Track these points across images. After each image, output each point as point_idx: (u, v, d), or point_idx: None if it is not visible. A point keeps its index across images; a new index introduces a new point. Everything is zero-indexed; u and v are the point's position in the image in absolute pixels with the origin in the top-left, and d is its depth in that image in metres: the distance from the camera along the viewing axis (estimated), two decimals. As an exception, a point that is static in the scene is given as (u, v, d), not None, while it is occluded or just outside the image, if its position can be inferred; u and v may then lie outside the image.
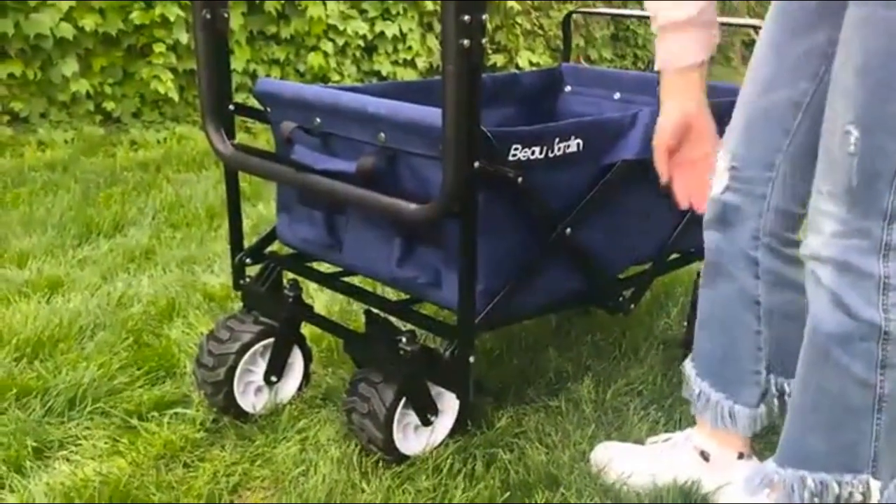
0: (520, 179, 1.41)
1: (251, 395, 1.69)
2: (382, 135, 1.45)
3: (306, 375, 1.77)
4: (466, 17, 1.20)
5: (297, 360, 1.75)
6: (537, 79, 2.21)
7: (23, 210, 2.95)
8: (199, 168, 3.69)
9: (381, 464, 1.52)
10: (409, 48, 5.21)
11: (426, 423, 1.55)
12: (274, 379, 1.70)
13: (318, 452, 1.55)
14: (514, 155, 1.41)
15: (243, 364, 1.66)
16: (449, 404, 1.58)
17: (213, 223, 2.91)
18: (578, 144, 1.51)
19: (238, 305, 2.19)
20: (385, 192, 1.40)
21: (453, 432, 1.59)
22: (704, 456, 1.49)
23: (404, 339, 1.48)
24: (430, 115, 1.35)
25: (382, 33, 5.08)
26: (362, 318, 1.61)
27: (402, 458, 1.53)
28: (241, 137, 3.96)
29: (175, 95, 4.30)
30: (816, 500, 1.26)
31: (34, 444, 1.57)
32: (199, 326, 2.05)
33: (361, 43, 5.03)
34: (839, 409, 1.24)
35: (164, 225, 2.88)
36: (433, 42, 5.42)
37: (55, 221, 2.81)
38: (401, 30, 5.14)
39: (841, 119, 1.15)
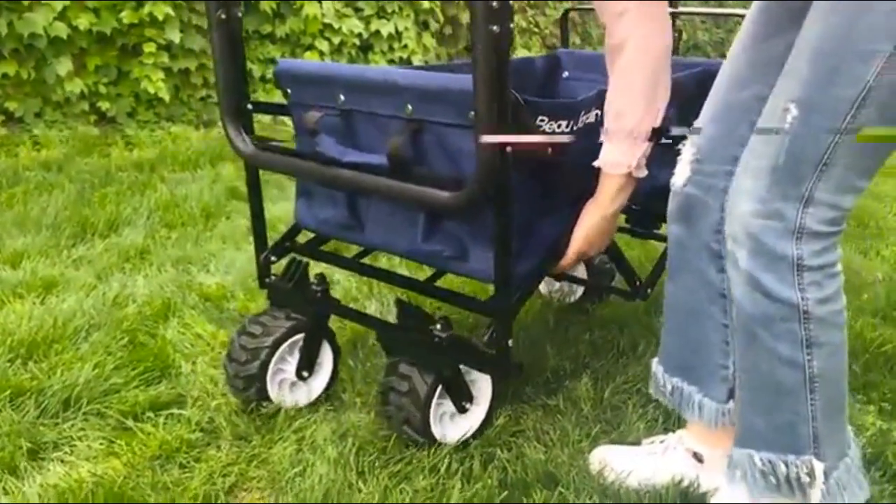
0: (549, 150, 1.40)
1: (286, 391, 1.70)
2: (410, 107, 1.42)
3: (336, 369, 1.77)
4: (495, 3, 1.20)
5: (326, 355, 1.76)
6: (543, 64, 2.21)
7: (17, 210, 2.93)
8: (193, 167, 3.68)
9: (377, 463, 1.51)
10: (405, 46, 5.20)
11: (462, 410, 1.56)
12: (306, 374, 1.71)
13: (314, 452, 1.54)
14: (540, 126, 1.40)
15: (276, 358, 1.67)
16: (482, 392, 1.59)
17: (209, 223, 2.90)
18: (597, 115, 1.51)
19: (233, 305, 2.19)
20: (415, 170, 1.37)
21: (484, 424, 1.60)
22: (698, 457, 1.49)
23: (439, 326, 1.48)
24: (458, 81, 1.33)
25: (378, 32, 5.07)
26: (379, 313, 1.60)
27: (431, 440, 1.53)
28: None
29: (166, 95, 4.29)
30: (771, 478, 1.26)
31: (28, 445, 1.56)
32: (195, 326, 2.04)
33: (357, 41, 5.02)
34: (772, 390, 1.24)
35: (158, 225, 2.87)
36: (429, 40, 5.41)
37: (50, 221, 2.80)
38: (396, 28, 5.14)
39: (784, 96, 1.15)
